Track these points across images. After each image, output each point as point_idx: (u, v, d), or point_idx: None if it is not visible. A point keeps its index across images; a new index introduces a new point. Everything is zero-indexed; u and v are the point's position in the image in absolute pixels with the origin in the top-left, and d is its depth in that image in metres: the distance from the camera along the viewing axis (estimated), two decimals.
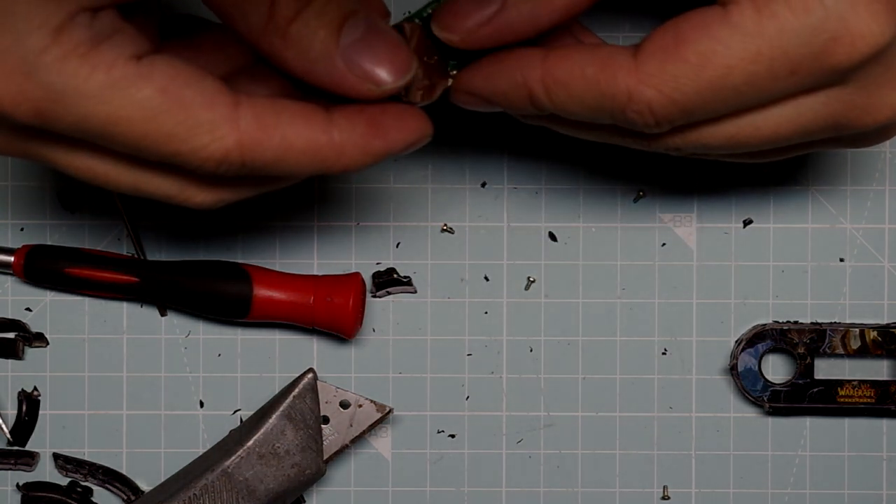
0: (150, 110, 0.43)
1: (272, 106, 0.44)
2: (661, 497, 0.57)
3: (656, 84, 0.43)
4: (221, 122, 0.44)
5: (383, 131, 0.45)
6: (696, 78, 0.43)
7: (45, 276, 0.56)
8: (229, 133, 0.44)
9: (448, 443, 0.57)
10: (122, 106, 0.43)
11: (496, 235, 0.57)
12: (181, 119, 0.43)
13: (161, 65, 0.43)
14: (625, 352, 0.57)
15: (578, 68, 0.44)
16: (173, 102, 0.43)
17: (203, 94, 0.44)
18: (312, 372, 0.55)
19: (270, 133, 0.44)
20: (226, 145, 0.44)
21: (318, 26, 0.44)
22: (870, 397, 0.56)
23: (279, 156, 0.44)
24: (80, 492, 0.57)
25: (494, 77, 0.46)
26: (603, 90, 0.44)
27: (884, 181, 0.57)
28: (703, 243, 0.57)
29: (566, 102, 0.45)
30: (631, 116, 0.44)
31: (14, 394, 0.57)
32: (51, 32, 0.42)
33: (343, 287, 0.55)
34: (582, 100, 0.45)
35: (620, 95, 0.44)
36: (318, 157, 0.45)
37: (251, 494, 0.54)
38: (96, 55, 0.42)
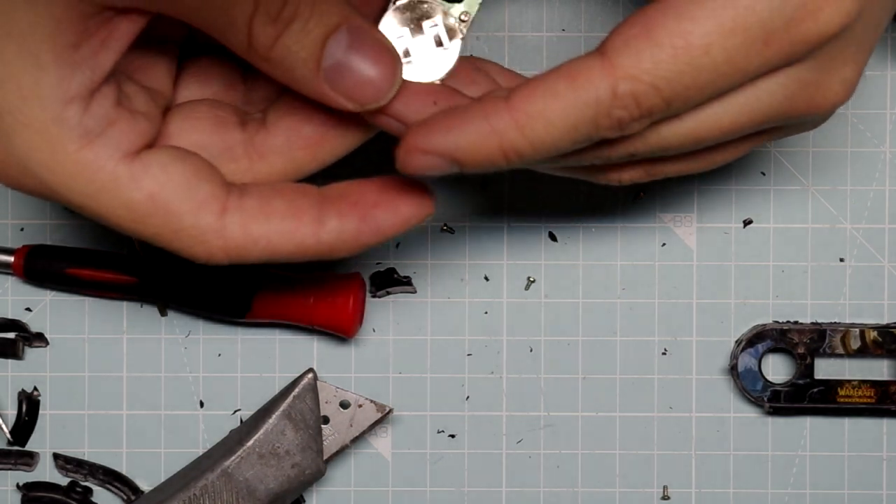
0: (137, 213, 0.43)
1: (263, 206, 0.44)
2: (661, 497, 0.57)
3: (636, 74, 0.41)
4: (207, 230, 0.44)
5: (375, 224, 0.45)
6: (675, 61, 0.41)
7: (45, 276, 0.56)
8: (213, 240, 0.44)
9: (448, 443, 0.57)
10: (108, 206, 0.43)
11: (496, 235, 0.57)
12: (166, 223, 0.43)
13: (154, 168, 0.43)
14: (625, 352, 0.57)
15: (549, 92, 0.42)
16: (160, 208, 0.43)
17: (192, 202, 0.43)
18: (312, 372, 0.55)
19: (256, 240, 0.44)
20: (210, 250, 0.44)
21: (300, 49, 0.43)
22: (870, 397, 0.56)
23: (265, 256, 0.45)
24: (80, 492, 0.57)
25: (455, 130, 0.42)
26: (583, 100, 0.42)
27: (884, 181, 0.57)
28: (703, 243, 0.57)
29: (545, 136, 0.42)
30: (618, 115, 0.42)
31: (14, 394, 0.57)
32: (39, 130, 0.42)
33: (343, 287, 0.55)
34: (563, 124, 0.42)
35: (603, 97, 0.41)
36: (307, 254, 0.45)
37: (251, 494, 0.54)
38: (87, 153, 0.42)
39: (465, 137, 0.42)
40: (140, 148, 0.43)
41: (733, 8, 0.41)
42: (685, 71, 0.41)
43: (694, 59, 0.41)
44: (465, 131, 0.42)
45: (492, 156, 0.42)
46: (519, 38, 0.57)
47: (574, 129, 0.42)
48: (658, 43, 0.41)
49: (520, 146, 0.42)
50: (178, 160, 0.44)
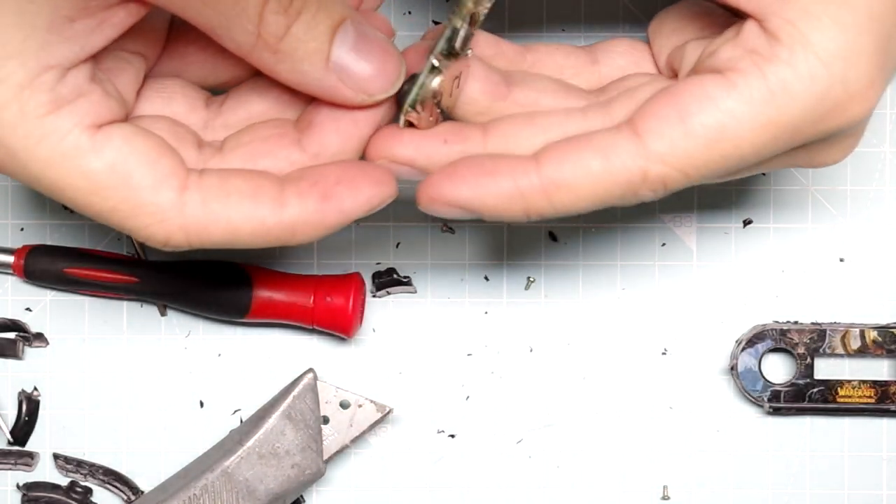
0: (96, 184, 0.43)
1: (222, 187, 0.44)
2: (661, 497, 0.57)
3: (669, 161, 0.43)
4: (166, 207, 0.43)
5: (337, 203, 0.44)
6: (708, 152, 0.42)
7: (45, 276, 0.56)
8: (173, 218, 0.44)
9: (448, 443, 0.57)
10: (68, 175, 0.43)
11: (496, 235, 0.57)
12: (125, 197, 0.43)
13: (117, 140, 0.43)
14: (625, 352, 0.57)
15: (581, 166, 0.43)
16: (120, 181, 0.43)
17: (152, 176, 0.43)
18: (312, 372, 0.55)
19: (216, 218, 0.44)
20: (168, 229, 0.44)
21: (310, 39, 0.43)
22: (870, 397, 0.56)
23: (226, 238, 0.44)
24: (80, 492, 0.57)
25: (482, 187, 0.43)
26: (614, 180, 0.43)
27: (884, 181, 0.57)
28: (703, 243, 0.57)
29: (570, 205, 0.43)
30: (644, 195, 0.43)
31: (14, 394, 0.57)
32: (11, 90, 0.42)
33: (343, 287, 0.55)
34: (591, 197, 0.43)
35: (634, 180, 0.43)
36: (269, 236, 0.44)
37: (251, 494, 0.54)
38: (54, 119, 0.42)
39: (492, 195, 0.43)
40: (105, 123, 0.44)
41: (770, 107, 0.42)
42: (715, 160, 0.43)
43: (727, 151, 0.43)
44: (492, 190, 0.43)
45: (514, 214, 0.44)
46: (519, 38, 0.56)
47: (600, 200, 0.43)
48: (693, 134, 0.42)
49: (544, 210, 0.44)
50: (141, 135, 0.44)
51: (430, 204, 0.44)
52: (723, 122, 0.42)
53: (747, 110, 0.42)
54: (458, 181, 0.44)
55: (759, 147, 0.43)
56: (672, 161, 0.43)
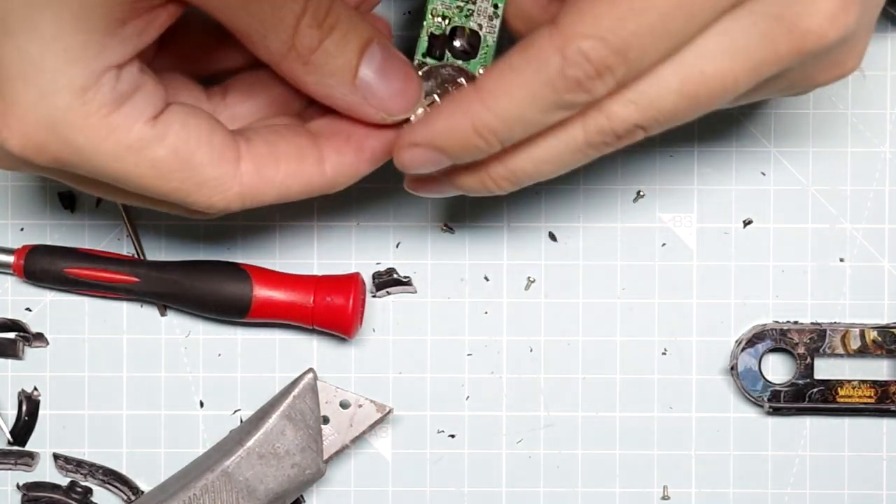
0: (162, 170, 0.45)
1: (271, 152, 0.47)
2: (661, 497, 0.57)
3: (581, 31, 0.42)
4: (226, 178, 0.46)
5: (370, 153, 0.48)
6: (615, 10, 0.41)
7: (45, 276, 0.56)
8: (232, 188, 0.46)
9: (448, 443, 0.57)
10: (135, 165, 0.45)
11: (496, 235, 0.57)
12: (189, 176, 0.46)
13: (176, 124, 0.45)
14: (625, 352, 0.57)
15: (505, 65, 0.43)
16: (184, 163, 0.45)
17: (211, 153, 0.46)
18: (312, 372, 0.55)
19: (269, 181, 0.47)
20: (228, 198, 0.47)
21: (339, 55, 0.45)
22: (870, 397, 0.56)
23: (277, 197, 0.47)
24: (80, 492, 0.57)
25: (432, 119, 0.45)
26: (535, 66, 0.42)
27: (884, 181, 0.57)
28: (703, 243, 0.57)
29: (510, 107, 0.43)
30: (572, 74, 0.42)
31: (14, 394, 0.57)
32: (76, 92, 0.43)
33: (343, 287, 0.55)
34: (523, 92, 0.43)
35: (553, 60, 0.42)
36: (313, 190, 0.48)
37: (251, 494, 0.54)
38: (117, 117, 0.44)
39: (440, 123, 0.45)
40: (161, 110, 0.46)
41: None
42: (626, 17, 0.41)
43: (633, 3, 0.41)
44: (440, 117, 0.45)
45: (466, 135, 0.44)
46: None
47: (535, 96, 0.43)
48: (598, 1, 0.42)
49: (489, 121, 0.44)
50: (192, 114, 0.46)
51: (398, 153, 0.46)
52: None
53: None
54: (416, 124, 0.46)
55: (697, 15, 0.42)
56: (583, 31, 0.42)
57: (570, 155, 0.45)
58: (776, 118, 0.57)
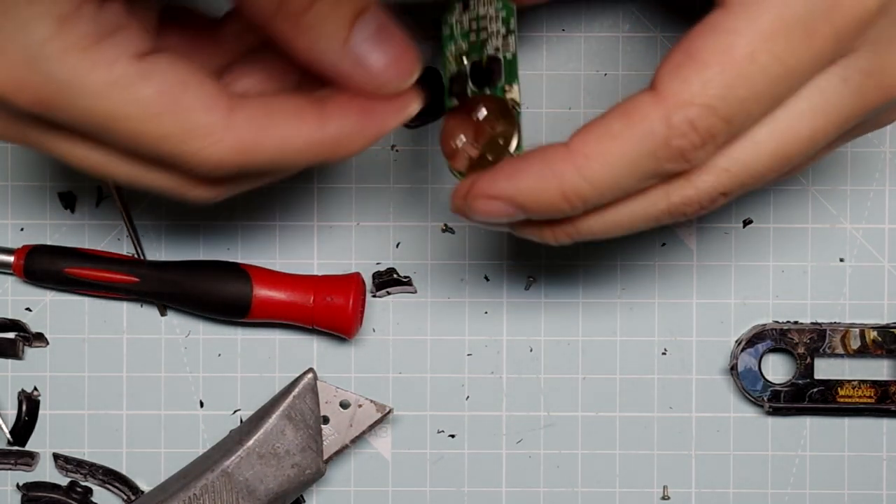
0: (148, 111, 0.43)
1: (266, 107, 0.45)
2: (661, 497, 0.57)
3: (688, 99, 0.41)
4: (217, 126, 0.44)
5: (377, 115, 0.45)
6: (724, 76, 0.41)
7: (45, 276, 0.56)
8: (225, 137, 0.44)
9: (448, 443, 0.57)
10: (120, 104, 0.43)
11: (496, 235, 0.57)
12: (178, 121, 0.43)
13: (162, 66, 0.44)
14: (625, 352, 0.57)
15: (605, 131, 0.42)
16: (171, 105, 0.43)
17: (201, 98, 0.44)
18: (312, 372, 0.55)
19: (266, 135, 0.44)
20: (221, 149, 0.44)
21: (331, 19, 0.44)
22: (870, 397, 0.56)
23: (275, 156, 0.45)
24: (80, 492, 0.57)
25: (517, 176, 0.43)
26: (639, 134, 0.42)
27: (884, 181, 0.57)
28: (703, 243, 0.57)
29: (604, 175, 0.43)
30: (677, 145, 0.42)
31: (14, 394, 0.57)
32: (55, 22, 0.42)
33: (343, 287, 0.55)
34: (621, 161, 0.42)
35: (658, 128, 0.42)
36: (315, 151, 0.45)
37: (251, 494, 0.54)
38: (98, 51, 0.42)
39: (526, 181, 0.43)
40: (147, 53, 0.44)
41: (768, 12, 0.41)
42: (736, 84, 0.41)
43: (742, 69, 0.41)
44: (527, 175, 0.43)
45: (553, 198, 0.43)
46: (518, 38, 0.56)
47: (634, 165, 0.42)
48: (703, 64, 0.41)
49: (580, 187, 0.43)
50: (183, 62, 0.44)
51: (472, 203, 0.44)
52: (727, 41, 0.41)
53: (747, 22, 0.41)
54: (497, 176, 0.44)
55: (777, 54, 0.41)
56: (690, 98, 0.41)
57: (644, 223, 0.45)
58: None
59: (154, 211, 0.57)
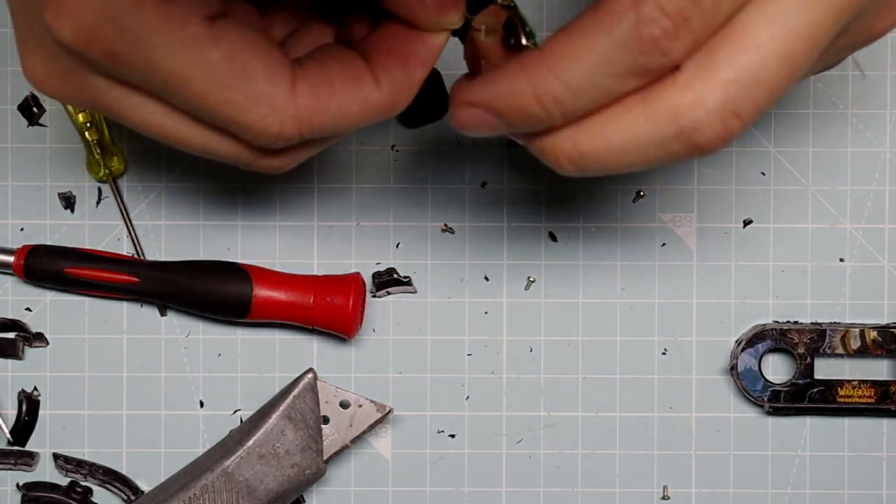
0: (214, 74, 0.43)
1: (326, 75, 0.44)
2: (661, 497, 0.57)
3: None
4: (280, 96, 0.44)
5: (416, 61, 0.45)
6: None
7: (45, 276, 0.56)
8: (287, 108, 0.44)
9: (448, 443, 0.57)
10: (188, 64, 0.42)
11: (496, 235, 0.57)
12: (242, 87, 0.43)
13: (232, 31, 0.43)
14: (625, 352, 0.57)
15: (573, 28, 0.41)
16: (237, 70, 0.43)
17: (266, 67, 0.43)
18: (312, 372, 0.55)
19: (326, 104, 0.44)
20: (283, 119, 0.44)
21: None
22: (870, 397, 0.56)
23: (337, 122, 0.44)
24: (80, 492, 0.57)
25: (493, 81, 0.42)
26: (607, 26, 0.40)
27: (884, 181, 0.57)
28: (703, 243, 0.57)
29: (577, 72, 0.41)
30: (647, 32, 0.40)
31: (14, 394, 0.57)
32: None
33: (343, 287, 0.55)
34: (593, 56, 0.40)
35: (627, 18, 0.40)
36: (374, 111, 0.45)
37: (251, 494, 0.54)
38: (171, 9, 0.42)
39: (501, 85, 0.42)
40: (216, 14, 0.43)
41: None
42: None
43: None
44: (501, 79, 0.42)
45: (526, 104, 0.42)
46: None
47: (606, 60, 0.40)
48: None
49: (552, 87, 0.41)
50: (251, 29, 0.44)
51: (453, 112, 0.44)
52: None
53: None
54: (475, 83, 0.43)
55: None
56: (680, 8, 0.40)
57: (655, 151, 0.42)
58: (776, 118, 0.57)
59: (154, 211, 0.57)
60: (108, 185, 0.57)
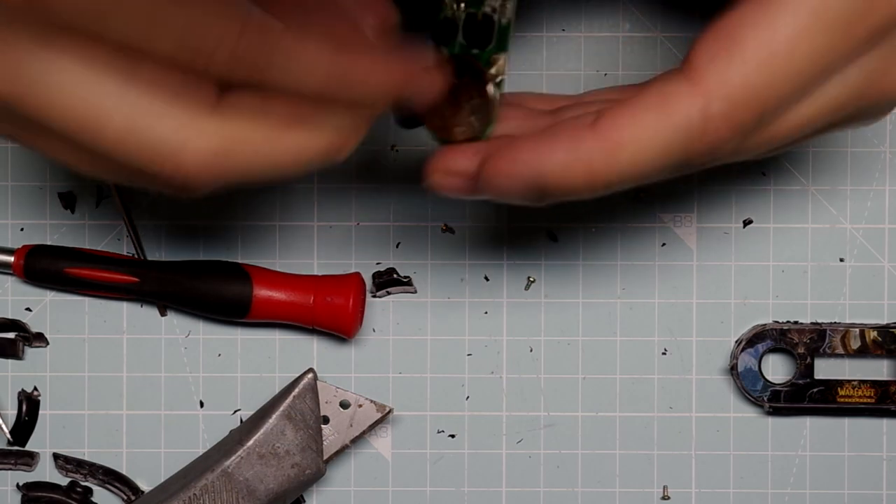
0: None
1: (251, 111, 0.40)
2: (661, 497, 0.57)
3: (728, 93, 0.41)
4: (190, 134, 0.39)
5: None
6: (762, 73, 0.41)
7: (45, 276, 0.56)
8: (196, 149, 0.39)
9: (448, 443, 0.57)
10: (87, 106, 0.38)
11: (496, 235, 0.57)
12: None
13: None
14: (625, 352, 0.57)
15: (639, 118, 0.41)
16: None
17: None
18: (312, 372, 0.55)
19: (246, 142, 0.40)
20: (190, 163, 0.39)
21: None
22: (870, 397, 0.56)
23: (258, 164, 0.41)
24: (80, 492, 0.57)
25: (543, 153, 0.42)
26: (674, 125, 0.41)
27: (884, 181, 0.57)
28: (703, 243, 0.57)
29: (634, 162, 0.41)
30: (710, 138, 0.41)
31: (14, 394, 0.57)
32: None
33: (343, 287, 0.55)
34: (654, 150, 0.41)
35: (696, 120, 0.41)
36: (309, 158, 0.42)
37: (251, 494, 0.54)
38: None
39: (553, 160, 0.41)
40: None
41: (809, 5, 0.40)
42: (773, 82, 0.41)
43: (780, 67, 0.41)
44: (554, 154, 0.41)
45: (576, 181, 0.42)
46: (518, 39, 0.57)
47: (665, 155, 0.41)
48: (743, 58, 0.41)
49: (607, 173, 0.41)
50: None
51: (489, 177, 0.42)
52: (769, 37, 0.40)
53: (789, 18, 0.40)
54: (520, 150, 0.42)
55: (814, 53, 0.41)
56: (729, 92, 0.40)
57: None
58: None
59: (154, 211, 0.57)
60: (108, 185, 0.57)
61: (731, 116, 0.41)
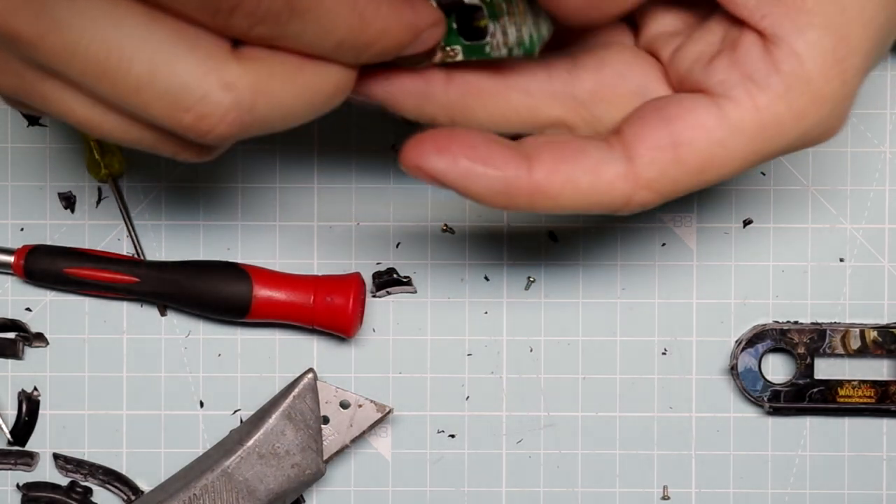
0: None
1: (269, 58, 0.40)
2: (661, 497, 0.57)
3: (655, 188, 0.43)
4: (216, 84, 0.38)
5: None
6: (694, 179, 0.43)
7: (45, 276, 0.56)
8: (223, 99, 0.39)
9: (448, 443, 0.57)
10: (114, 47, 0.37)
11: (496, 235, 0.57)
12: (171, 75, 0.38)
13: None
14: (625, 352, 0.57)
15: (572, 180, 0.43)
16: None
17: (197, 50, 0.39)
18: (312, 372, 0.55)
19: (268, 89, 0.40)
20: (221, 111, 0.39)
21: None
22: (870, 397, 0.56)
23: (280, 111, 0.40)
24: (80, 492, 0.57)
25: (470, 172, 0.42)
26: (600, 199, 0.43)
27: (884, 181, 0.57)
28: (703, 243, 0.57)
29: (551, 209, 0.43)
30: (633, 209, 0.44)
31: (14, 394, 0.57)
32: None
33: (343, 287, 0.55)
34: (572, 206, 0.43)
35: (617, 201, 0.43)
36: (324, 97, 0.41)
37: (251, 494, 0.54)
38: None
39: (478, 184, 0.42)
40: None
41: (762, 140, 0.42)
42: (696, 185, 0.43)
43: (710, 177, 0.43)
44: (481, 179, 0.42)
45: (495, 204, 0.43)
46: None
47: (586, 209, 0.43)
48: (685, 164, 0.43)
49: (523, 208, 0.43)
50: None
51: (413, 170, 0.43)
52: (713, 152, 0.42)
53: (738, 142, 0.42)
54: (448, 158, 0.43)
55: (740, 170, 0.43)
56: (658, 188, 0.43)
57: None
58: None
59: (154, 211, 0.57)
60: (108, 185, 0.57)
61: (647, 202, 0.43)
